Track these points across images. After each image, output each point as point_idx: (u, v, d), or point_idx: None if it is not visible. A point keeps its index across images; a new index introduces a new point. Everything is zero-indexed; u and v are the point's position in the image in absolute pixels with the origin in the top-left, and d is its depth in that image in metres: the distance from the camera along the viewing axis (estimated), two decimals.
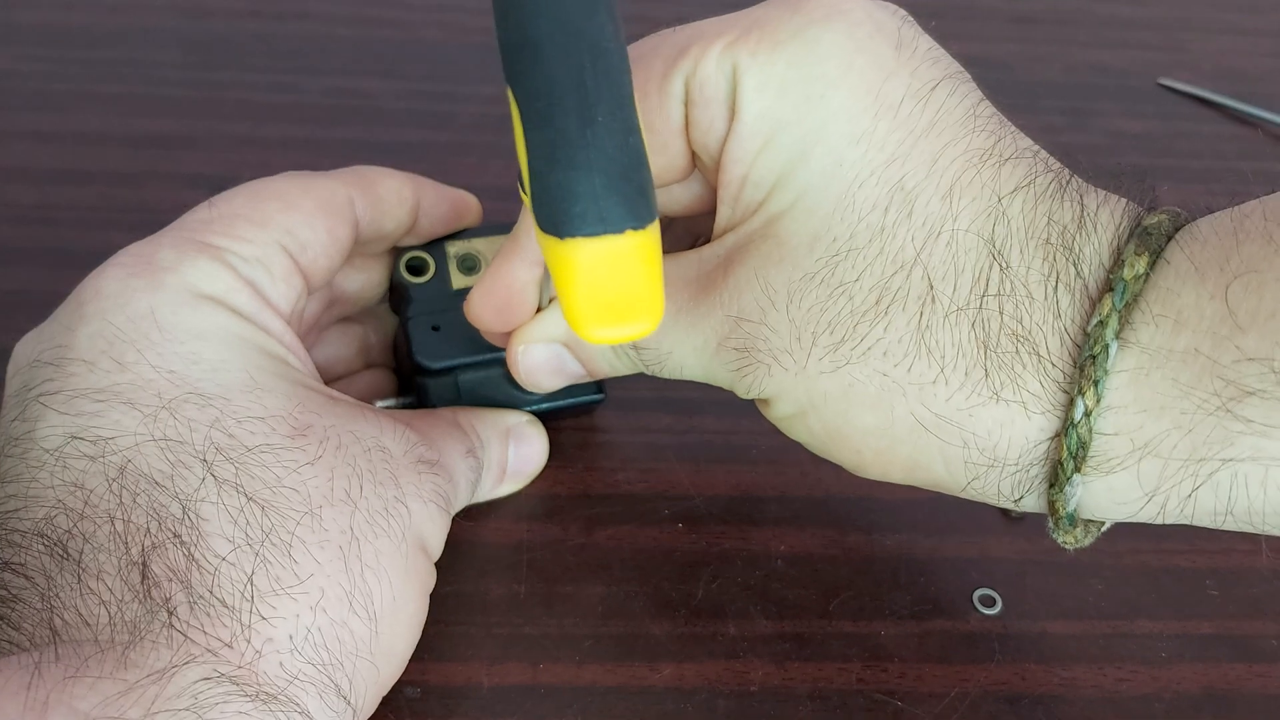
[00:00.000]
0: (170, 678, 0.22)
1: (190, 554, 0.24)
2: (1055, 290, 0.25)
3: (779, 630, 0.31)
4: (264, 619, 0.23)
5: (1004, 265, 0.25)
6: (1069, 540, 0.27)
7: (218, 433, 0.25)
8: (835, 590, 0.33)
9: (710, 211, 0.30)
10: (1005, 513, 0.35)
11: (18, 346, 0.28)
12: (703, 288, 0.28)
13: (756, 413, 0.29)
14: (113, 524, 0.24)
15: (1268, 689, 0.31)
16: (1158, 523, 0.25)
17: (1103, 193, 0.26)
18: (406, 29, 0.52)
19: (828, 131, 0.26)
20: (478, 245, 0.34)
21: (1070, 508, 0.25)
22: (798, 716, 0.30)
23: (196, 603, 0.23)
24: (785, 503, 0.35)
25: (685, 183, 0.29)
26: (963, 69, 0.27)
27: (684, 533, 0.34)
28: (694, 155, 0.28)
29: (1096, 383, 0.24)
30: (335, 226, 0.30)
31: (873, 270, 0.25)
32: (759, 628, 0.31)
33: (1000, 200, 0.25)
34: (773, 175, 0.26)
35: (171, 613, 0.23)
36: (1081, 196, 0.26)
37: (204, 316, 0.27)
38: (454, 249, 0.34)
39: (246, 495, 0.25)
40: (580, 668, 0.30)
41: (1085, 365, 0.24)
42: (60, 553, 0.23)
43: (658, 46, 0.27)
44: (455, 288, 0.34)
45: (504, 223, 0.33)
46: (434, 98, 0.48)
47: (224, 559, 0.24)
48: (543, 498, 0.34)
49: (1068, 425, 0.24)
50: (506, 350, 0.31)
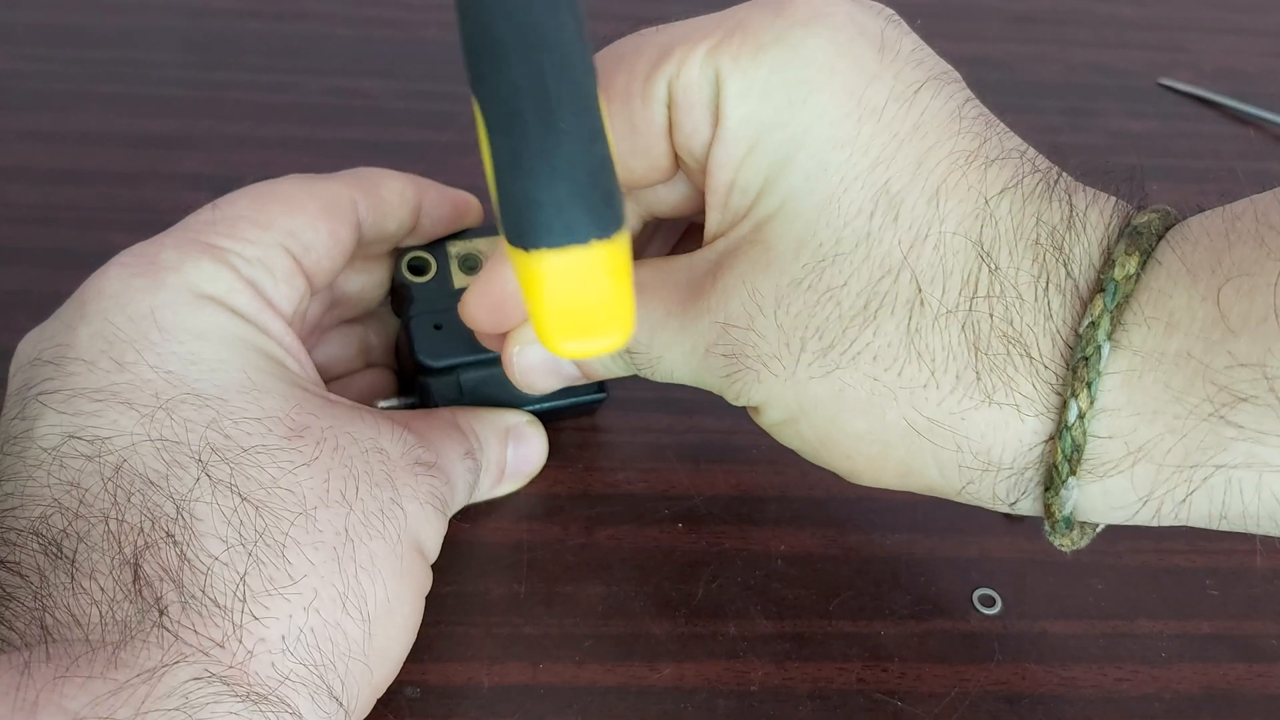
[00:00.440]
0: (161, 677, 0.22)
1: (183, 553, 0.24)
2: (1046, 291, 0.24)
3: (779, 630, 0.31)
4: (256, 619, 0.23)
5: (993, 267, 0.25)
6: (1065, 543, 0.27)
7: (214, 433, 0.25)
8: (835, 590, 0.33)
9: (696, 212, 0.30)
10: (1005, 513, 0.34)
11: (20, 344, 0.28)
12: (693, 293, 0.27)
13: None
14: (106, 523, 0.24)
15: (1268, 689, 0.31)
16: (1153, 525, 0.25)
17: (1092, 191, 0.26)
18: (406, 29, 0.52)
19: (811, 136, 0.25)
20: (479, 245, 0.34)
21: (1066, 511, 0.25)
22: (798, 716, 0.30)
23: (188, 602, 0.23)
24: (785, 503, 0.35)
25: (670, 184, 0.29)
26: (949, 69, 0.27)
27: (684, 533, 0.34)
28: (678, 158, 0.28)
29: (1090, 384, 0.23)
30: (338, 228, 0.30)
31: (860, 275, 0.25)
32: (759, 628, 0.31)
33: (987, 202, 0.25)
34: (759, 180, 0.26)
35: (163, 612, 0.23)
36: (1070, 196, 0.25)
37: (204, 317, 0.27)
38: (455, 249, 0.34)
39: (241, 495, 0.25)
40: (580, 668, 0.30)
41: (1078, 367, 0.24)
42: (54, 551, 0.23)
43: (640, 46, 0.27)
44: (457, 287, 0.34)
45: None
46: (434, 98, 0.48)
47: (217, 559, 0.24)
48: (543, 498, 0.34)
49: (1062, 428, 0.24)
50: (502, 352, 0.31)
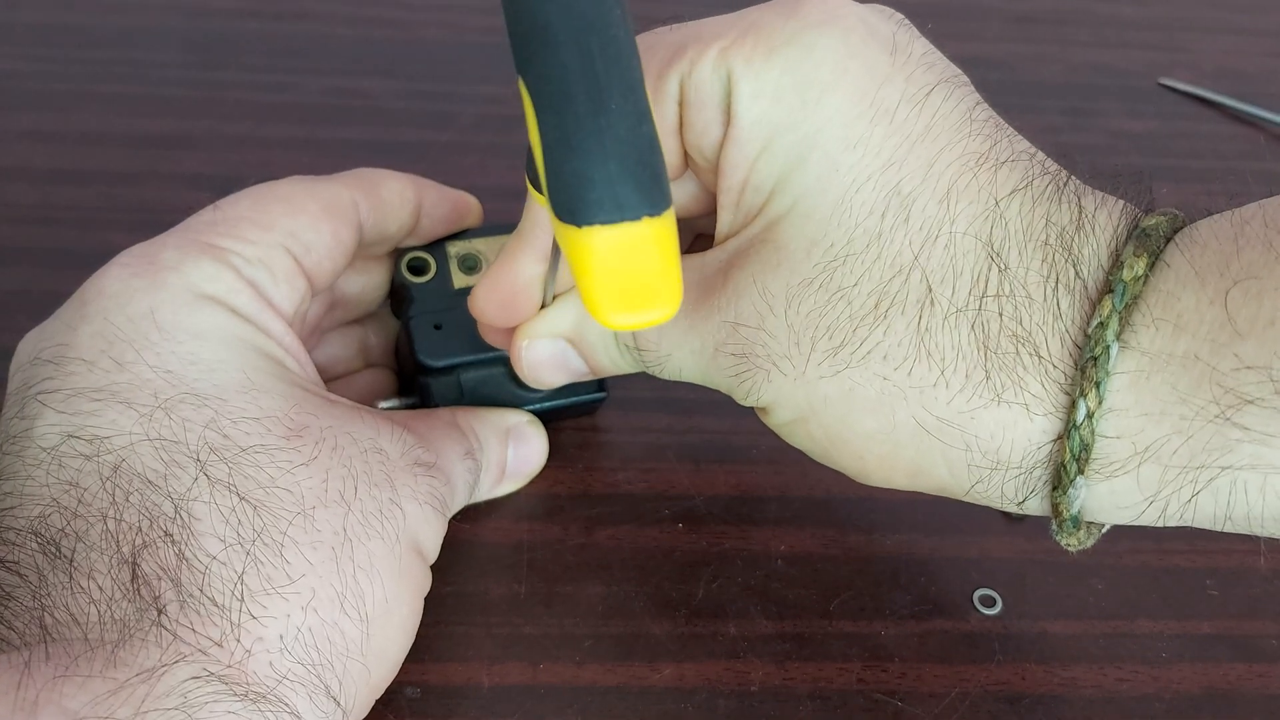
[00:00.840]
0: (159, 676, 0.22)
1: (181, 553, 0.23)
2: (1055, 291, 0.25)
3: (779, 630, 0.31)
4: (254, 618, 0.23)
5: (1002, 267, 0.25)
6: (1072, 542, 0.27)
7: (212, 433, 0.25)
8: (835, 590, 0.33)
9: (705, 213, 0.30)
10: (1005, 514, 0.35)
11: (20, 344, 0.28)
12: (704, 292, 0.28)
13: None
14: (105, 522, 0.24)
15: (1268, 689, 0.31)
16: (1158, 525, 0.25)
17: (1100, 194, 0.26)
18: (406, 29, 0.52)
19: (823, 137, 0.26)
20: (478, 245, 0.34)
21: (1074, 510, 0.25)
22: (798, 716, 0.30)
23: (186, 601, 0.23)
24: (785, 503, 0.35)
25: (679, 182, 0.29)
26: (960, 72, 0.27)
27: (684, 533, 0.34)
28: (687, 156, 0.28)
29: (1098, 384, 0.24)
30: (339, 229, 0.31)
31: (871, 275, 0.25)
32: (759, 628, 0.31)
33: (998, 203, 0.25)
34: (771, 180, 0.26)
35: (161, 611, 0.23)
36: (1079, 198, 0.26)
37: (204, 317, 0.27)
38: (455, 249, 0.34)
39: (239, 495, 0.25)
40: (580, 668, 0.30)
41: (1086, 367, 0.24)
42: (53, 551, 0.23)
43: (653, 45, 0.27)
44: (457, 287, 0.34)
45: (504, 223, 0.33)
46: (434, 98, 0.48)
47: (215, 558, 0.24)
48: (543, 498, 0.34)
49: (1070, 427, 0.24)
50: (510, 345, 0.31)
